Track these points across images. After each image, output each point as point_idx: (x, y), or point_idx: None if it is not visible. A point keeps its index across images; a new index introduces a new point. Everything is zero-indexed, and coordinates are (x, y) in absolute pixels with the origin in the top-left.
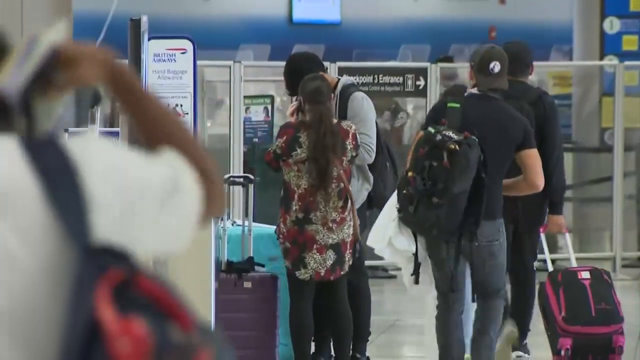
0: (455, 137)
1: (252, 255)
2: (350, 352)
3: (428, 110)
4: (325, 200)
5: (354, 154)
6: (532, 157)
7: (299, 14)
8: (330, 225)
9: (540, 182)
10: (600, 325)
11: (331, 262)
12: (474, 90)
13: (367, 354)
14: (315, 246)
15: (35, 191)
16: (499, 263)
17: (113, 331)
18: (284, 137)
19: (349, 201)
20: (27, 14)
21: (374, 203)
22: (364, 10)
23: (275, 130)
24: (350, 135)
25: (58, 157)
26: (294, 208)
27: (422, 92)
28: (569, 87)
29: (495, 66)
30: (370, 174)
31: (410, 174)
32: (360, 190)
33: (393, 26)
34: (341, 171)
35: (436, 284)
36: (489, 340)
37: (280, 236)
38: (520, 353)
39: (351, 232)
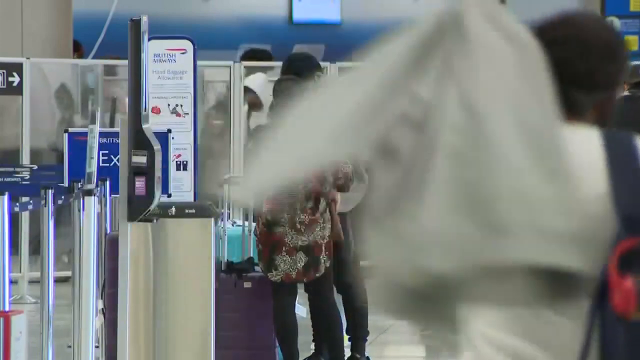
0: None
1: (252, 255)
2: (350, 352)
3: None
4: (289, 203)
5: None
6: None
7: (299, 14)
8: (299, 227)
9: None
10: None
11: (302, 264)
12: (625, 92)
13: (367, 354)
14: (284, 248)
15: (602, 168)
16: None
17: (612, 286)
18: (254, 140)
19: (321, 202)
20: (27, 14)
21: None
22: (364, 10)
23: None
24: None
25: (627, 149)
26: (264, 210)
27: None
28: None
29: None
30: (365, 174)
31: None
32: (354, 190)
33: (393, 26)
34: None
35: None
36: None
37: (256, 239)
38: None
39: (326, 233)
